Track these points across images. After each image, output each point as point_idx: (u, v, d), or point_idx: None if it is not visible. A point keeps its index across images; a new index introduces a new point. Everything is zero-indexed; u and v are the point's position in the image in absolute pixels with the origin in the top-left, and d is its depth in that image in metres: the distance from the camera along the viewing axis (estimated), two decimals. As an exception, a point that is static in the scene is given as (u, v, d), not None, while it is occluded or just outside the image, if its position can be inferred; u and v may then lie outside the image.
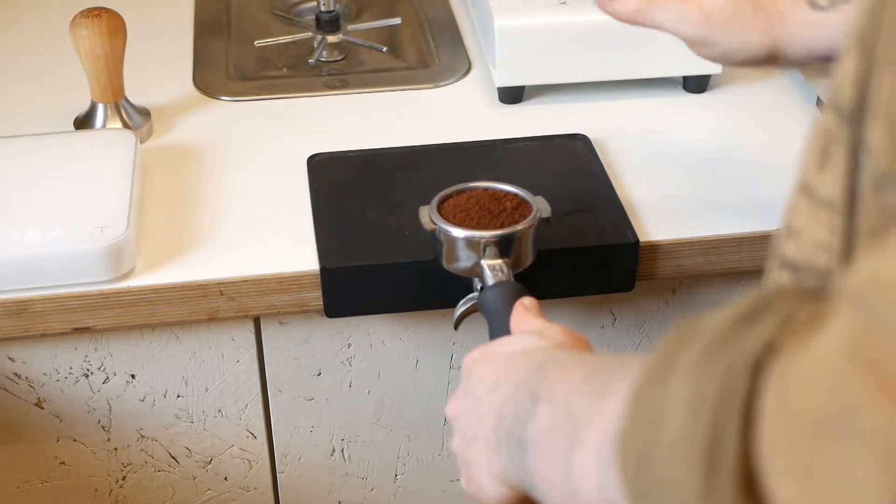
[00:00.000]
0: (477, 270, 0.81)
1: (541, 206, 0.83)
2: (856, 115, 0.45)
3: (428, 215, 0.83)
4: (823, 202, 0.47)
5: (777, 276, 0.51)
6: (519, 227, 0.81)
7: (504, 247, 0.80)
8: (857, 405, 0.33)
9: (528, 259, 0.83)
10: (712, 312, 0.43)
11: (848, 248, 0.46)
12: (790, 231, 0.50)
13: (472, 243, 0.80)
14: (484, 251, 0.80)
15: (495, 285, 0.78)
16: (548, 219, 0.83)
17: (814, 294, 0.42)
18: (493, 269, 0.79)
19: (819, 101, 1.07)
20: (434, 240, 0.83)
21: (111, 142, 0.99)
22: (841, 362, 0.35)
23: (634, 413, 0.43)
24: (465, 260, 0.81)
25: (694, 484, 0.39)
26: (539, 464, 0.53)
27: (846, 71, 0.45)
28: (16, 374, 0.93)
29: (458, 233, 0.81)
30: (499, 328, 0.74)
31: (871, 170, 0.43)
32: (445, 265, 0.83)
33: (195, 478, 1.00)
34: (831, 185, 0.46)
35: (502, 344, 0.67)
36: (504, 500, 0.62)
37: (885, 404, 0.33)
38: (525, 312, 0.74)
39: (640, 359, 0.48)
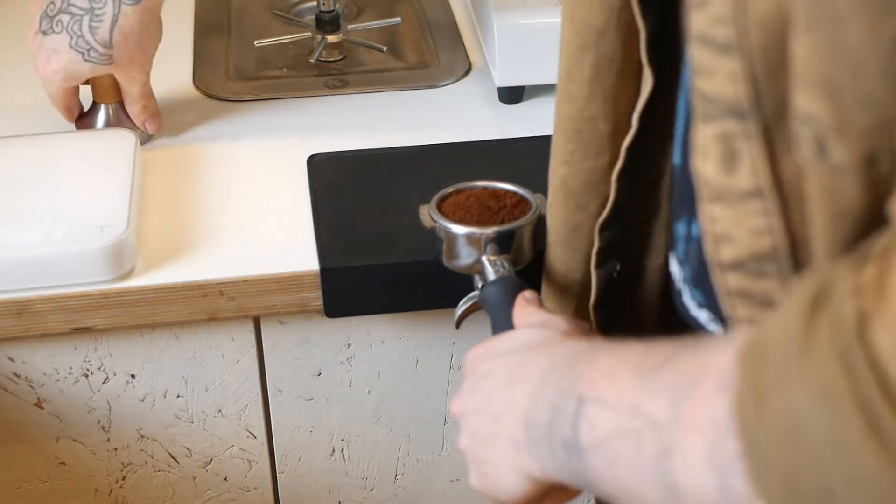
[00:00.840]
0: (478, 267, 0.81)
1: (540, 204, 0.83)
2: (755, 106, 0.47)
3: (428, 213, 0.83)
4: (747, 195, 0.49)
5: (725, 283, 0.52)
6: (519, 222, 0.81)
7: (504, 243, 0.80)
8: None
9: (529, 255, 0.83)
10: (770, 318, 0.44)
11: (788, 222, 0.48)
12: (718, 239, 0.51)
13: (472, 239, 0.80)
14: (484, 248, 0.80)
15: (497, 280, 0.78)
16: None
17: (858, 256, 0.42)
18: (493, 264, 0.80)
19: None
20: (434, 238, 0.83)
21: (111, 142, 0.99)
22: None
23: (752, 442, 0.43)
24: (465, 257, 0.81)
25: (872, 469, 0.39)
26: (612, 470, 0.52)
27: (724, 75, 0.48)
28: (16, 373, 0.93)
29: (459, 229, 0.81)
30: (501, 323, 0.74)
31: (810, 138, 0.44)
32: (446, 263, 0.83)
33: (195, 478, 1.00)
34: (751, 175, 0.48)
35: (506, 339, 0.67)
36: (527, 495, 0.62)
37: None
38: (527, 305, 0.73)
39: (690, 349, 0.49)
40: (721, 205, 0.50)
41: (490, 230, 0.80)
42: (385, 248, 0.89)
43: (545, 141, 1.02)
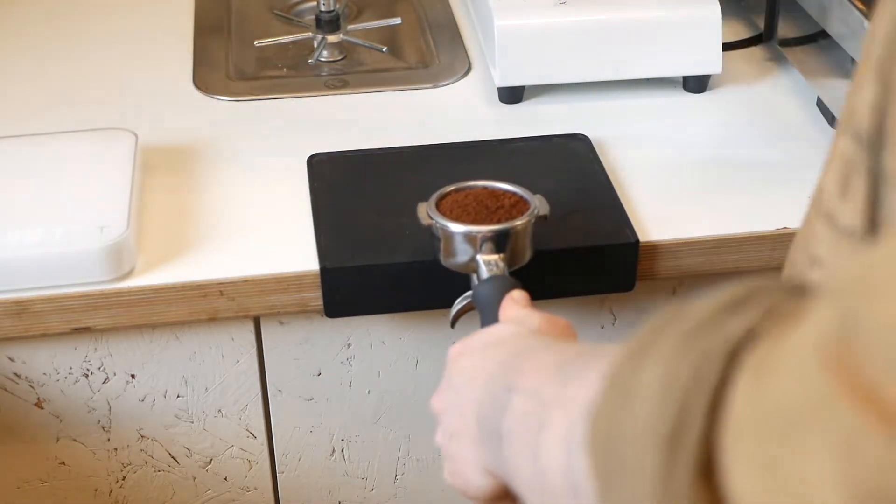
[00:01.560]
0: (473, 266, 0.81)
1: (539, 205, 0.83)
2: (875, 143, 0.44)
3: (425, 211, 0.83)
4: (845, 231, 0.46)
5: None
6: (516, 223, 0.81)
7: (500, 242, 0.81)
8: (825, 403, 0.33)
9: (526, 256, 0.83)
10: (700, 299, 0.43)
11: None
12: (813, 260, 0.49)
13: (468, 238, 0.81)
14: (480, 246, 0.80)
15: (488, 279, 0.78)
16: (545, 216, 0.83)
17: (802, 289, 0.42)
18: (488, 264, 0.80)
19: (820, 103, 1.07)
20: (431, 236, 0.83)
21: (111, 142, 0.99)
22: (814, 358, 0.34)
23: (608, 392, 0.42)
24: (461, 255, 0.81)
25: (653, 465, 0.38)
26: (511, 452, 0.52)
27: (864, 98, 0.45)
28: (16, 373, 0.93)
29: (455, 227, 0.81)
30: (489, 321, 0.75)
31: (894, 200, 0.42)
32: (443, 261, 0.83)
33: (195, 478, 1.00)
34: (852, 214, 0.46)
35: (480, 335, 0.68)
36: (491, 492, 0.62)
37: (853, 405, 0.32)
38: (512, 304, 0.74)
39: (615, 346, 0.47)
40: (827, 226, 0.48)
41: (485, 229, 0.81)
42: (385, 248, 0.89)
43: (545, 141, 1.03)
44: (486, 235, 0.80)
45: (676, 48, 1.08)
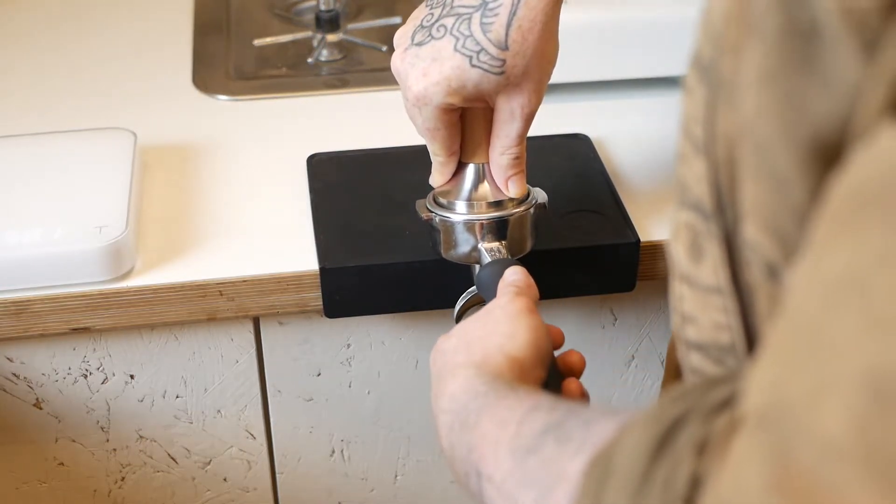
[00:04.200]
0: (475, 256, 0.81)
1: (537, 195, 0.83)
2: (717, 212, 0.46)
3: (424, 206, 0.83)
4: (710, 289, 0.48)
5: (688, 358, 0.52)
6: (515, 210, 0.81)
7: (501, 230, 0.81)
8: None
9: (527, 245, 0.83)
10: (622, 437, 0.44)
11: (746, 325, 0.47)
12: (685, 318, 0.51)
13: (468, 227, 0.81)
14: (481, 235, 0.81)
15: (491, 262, 0.79)
16: (544, 205, 0.83)
17: (717, 400, 0.42)
18: (490, 251, 0.80)
19: None
20: (431, 230, 0.83)
21: (110, 141, 0.99)
22: (766, 496, 0.35)
23: None
24: (462, 245, 0.82)
25: None
26: None
27: (695, 173, 0.47)
28: (14, 374, 0.93)
29: (456, 217, 0.81)
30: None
31: (760, 261, 0.44)
32: (444, 254, 0.83)
33: (194, 478, 1.00)
34: (713, 274, 0.48)
35: (443, 340, 0.69)
36: None
37: None
38: (504, 284, 0.75)
39: (552, 442, 0.50)
40: (688, 287, 0.50)
41: (485, 216, 0.81)
42: (385, 248, 0.89)
43: (545, 140, 1.02)
44: (486, 223, 0.81)
45: (676, 48, 1.07)
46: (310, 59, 1.22)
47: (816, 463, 0.34)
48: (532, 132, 1.04)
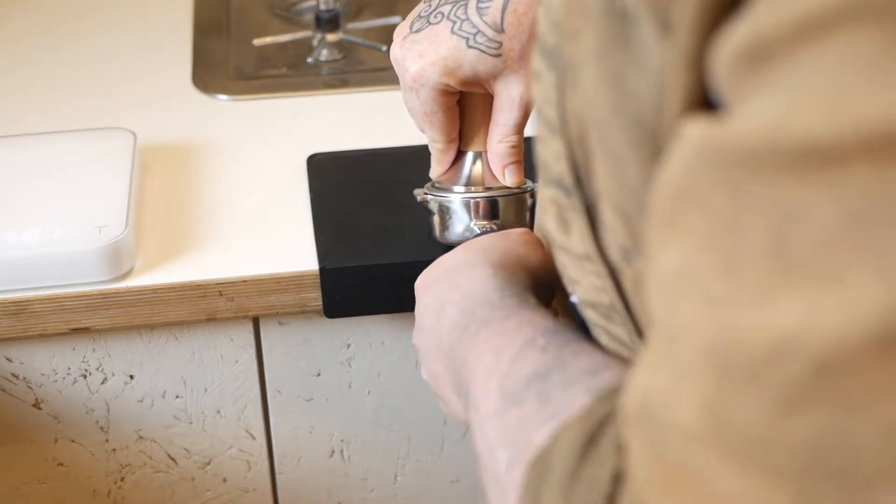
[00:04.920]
0: (468, 235, 0.82)
1: (534, 186, 0.84)
2: (577, 186, 0.49)
3: (422, 192, 0.84)
4: (582, 256, 0.50)
5: (585, 314, 0.54)
6: (510, 191, 0.82)
7: (495, 210, 0.82)
8: None
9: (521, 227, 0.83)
10: (559, 437, 0.46)
11: (619, 287, 0.50)
12: (570, 281, 0.53)
13: (463, 205, 0.82)
14: (475, 213, 0.81)
15: (481, 233, 0.79)
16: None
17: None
18: (483, 229, 0.81)
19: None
20: (427, 213, 0.83)
21: (110, 141, 0.99)
22: (647, 490, 0.38)
23: None
24: (457, 224, 0.82)
25: None
26: (480, 472, 0.55)
27: (554, 152, 0.49)
28: (14, 374, 0.93)
29: (452, 196, 0.82)
30: None
31: (614, 244, 0.46)
32: (439, 237, 0.84)
33: (194, 479, 1.00)
34: (581, 243, 0.50)
35: (435, 266, 0.68)
36: None
37: None
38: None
39: (533, 397, 0.50)
40: (565, 255, 0.52)
41: (480, 195, 0.81)
42: (385, 248, 0.89)
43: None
44: (480, 201, 0.81)
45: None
46: (310, 59, 1.22)
47: (681, 454, 0.36)
48: (531, 132, 1.04)
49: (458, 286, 0.63)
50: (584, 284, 0.52)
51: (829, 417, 0.33)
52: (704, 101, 0.38)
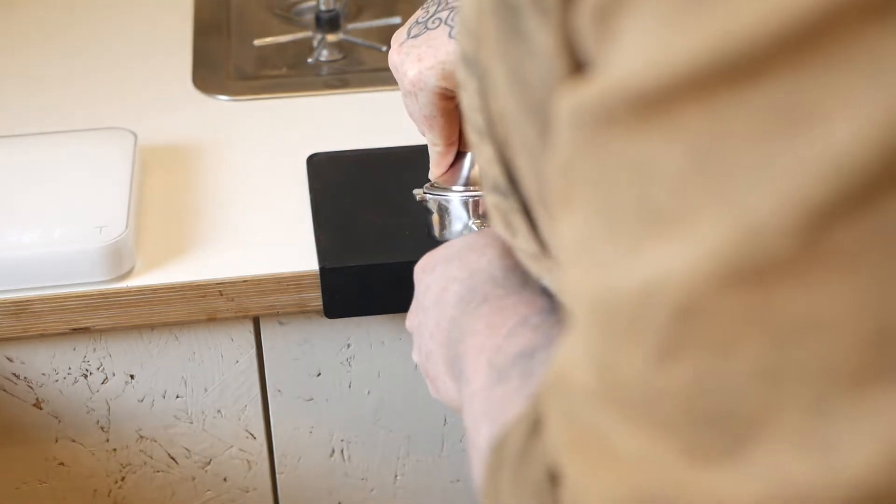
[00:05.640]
0: (466, 234, 0.82)
1: None
2: (512, 188, 0.49)
3: (421, 191, 0.84)
4: (532, 256, 0.51)
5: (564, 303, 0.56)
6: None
7: None
8: (582, 487, 0.37)
9: None
10: (514, 425, 0.46)
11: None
12: (537, 276, 0.54)
13: (462, 204, 0.82)
14: (474, 212, 0.81)
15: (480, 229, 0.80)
16: None
17: None
18: (482, 228, 0.81)
19: None
20: (426, 213, 0.83)
21: (110, 141, 0.99)
22: (565, 454, 0.38)
23: None
24: (456, 222, 0.82)
25: None
26: (468, 447, 0.55)
27: (486, 157, 0.50)
28: (14, 374, 0.93)
29: (451, 195, 0.82)
30: None
31: (557, 245, 0.46)
32: (437, 235, 0.84)
33: (194, 478, 1.00)
34: (527, 244, 0.51)
35: (442, 248, 0.69)
36: None
37: (605, 477, 0.36)
38: None
39: (517, 377, 0.51)
40: (523, 256, 0.53)
41: (479, 194, 0.82)
42: (385, 248, 0.89)
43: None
44: (480, 200, 0.81)
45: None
46: (310, 59, 1.22)
47: (586, 415, 0.36)
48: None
49: (469, 264, 0.64)
50: (546, 280, 0.53)
51: (700, 362, 0.33)
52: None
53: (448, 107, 0.80)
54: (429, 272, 0.68)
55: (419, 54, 0.78)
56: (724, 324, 0.32)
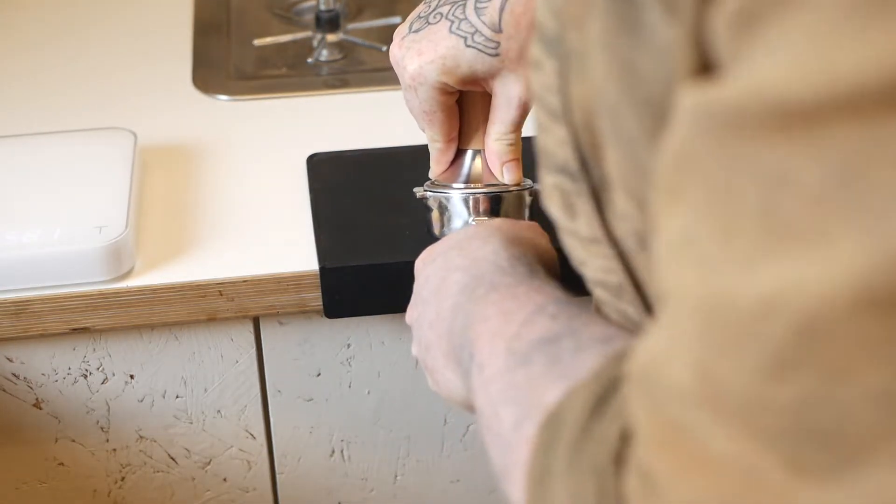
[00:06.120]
0: None
1: (532, 182, 0.84)
2: (583, 171, 0.49)
3: (421, 189, 0.84)
4: (589, 240, 0.51)
5: (594, 292, 0.54)
6: (509, 188, 0.82)
7: (494, 206, 0.81)
8: (663, 485, 0.37)
9: None
10: (571, 396, 0.46)
11: (628, 267, 0.50)
12: (578, 262, 0.54)
13: (462, 200, 0.82)
14: (474, 210, 0.81)
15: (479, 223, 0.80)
16: (539, 193, 0.84)
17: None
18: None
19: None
20: (426, 210, 0.83)
21: (110, 141, 0.99)
22: (644, 445, 0.38)
23: None
24: (456, 219, 0.82)
25: None
26: (483, 440, 0.55)
27: (557, 139, 0.50)
28: (14, 374, 0.93)
29: (451, 192, 0.82)
30: None
31: (629, 231, 0.46)
32: (437, 233, 0.84)
33: (194, 478, 1.00)
34: (588, 227, 0.50)
35: (444, 241, 0.69)
36: (472, 404, 0.64)
37: (686, 479, 0.36)
38: None
39: (542, 358, 0.51)
40: (572, 238, 0.53)
41: (479, 190, 0.81)
42: (385, 248, 0.89)
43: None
44: (480, 197, 0.81)
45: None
46: (310, 59, 1.22)
47: (677, 413, 0.36)
48: (532, 131, 1.04)
49: (470, 253, 0.64)
50: (591, 266, 0.52)
51: (814, 381, 0.33)
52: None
53: (448, 102, 0.79)
54: (429, 263, 0.68)
55: (420, 49, 0.78)
56: (848, 346, 0.32)
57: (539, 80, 0.50)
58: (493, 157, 0.81)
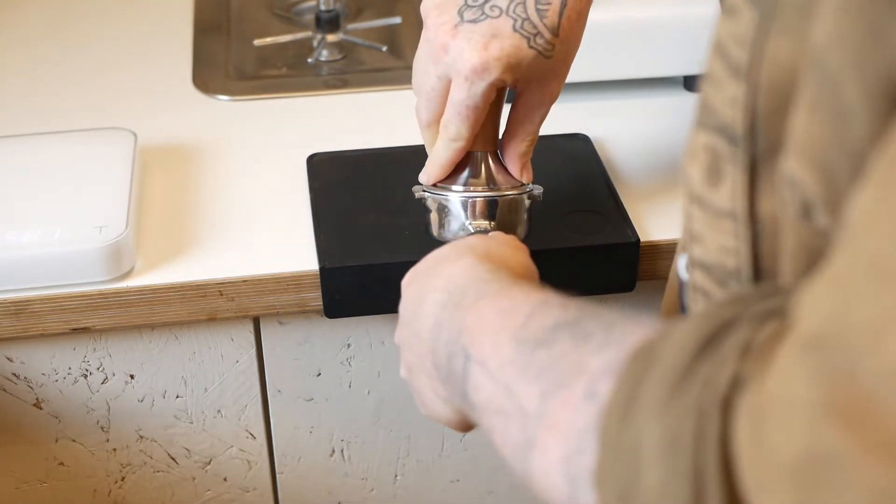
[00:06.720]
0: (462, 235, 0.82)
1: (533, 186, 0.84)
2: (749, 138, 0.46)
3: (421, 189, 0.84)
4: (722, 213, 0.48)
5: (692, 275, 0.52)
6: (507, 192, 0.82)
7: (492, 210, 0.81)
8: (847, 459, 0.34)
9: (518, 232, 0.83)
10: (669, 332, 0.44)
11: (755, 252, 0.47)
12: (693, 236, 0.51)
13: (460, 203, 0.82)
14: (472, 213, 0.81)
15: (476, 232, 0.79)
16: (538, 196, 0.84)
17: (765, 309, 0.42)
18: (478, 230, 0.81)
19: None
20: (425, 210, 0.83)
21: (110, 141, 0.99)
22: (820, 412, 0.35)
23: (607, 452, 0.43)
24: (454, 221, 0.82)
25: None
26: (491, 436, 0.53)
27: (727, 96, 0.47)
28: (14, 374, 0.93)
29: (450, 194, 0.82)
30: None
31: (796, 199, 0.43)
32: (435, 234, 0.83)
33: (194, 478, 1.00)
34: (729, 199, 0.48)
35: (423, 262, 0.68)
36: (460, 422, 0.64)
37: (877, 461, 0.33)
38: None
39: (567, 337, 0.49)
40: (699, 209, 0.50)
41: (477, 194, 0.81)
42: (385, 248, 0.89)
43: (545, 140, 1.02)
44: (477, 200, 0.81)
45: (676, 48, 1.08)
46: (310, 59, 1.22)
47: (880, 387, 0.34)
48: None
49: (443, 272, 0.63)
50: (708, 243, 0.50)
51: None
52: None
53: (493, 98, 0.78)
54: (409, 285, 0.67)
55: (484, 42, 0.75)
56: None
57: (728, 28, 0.47)
58: (514, 156, 0.81)
